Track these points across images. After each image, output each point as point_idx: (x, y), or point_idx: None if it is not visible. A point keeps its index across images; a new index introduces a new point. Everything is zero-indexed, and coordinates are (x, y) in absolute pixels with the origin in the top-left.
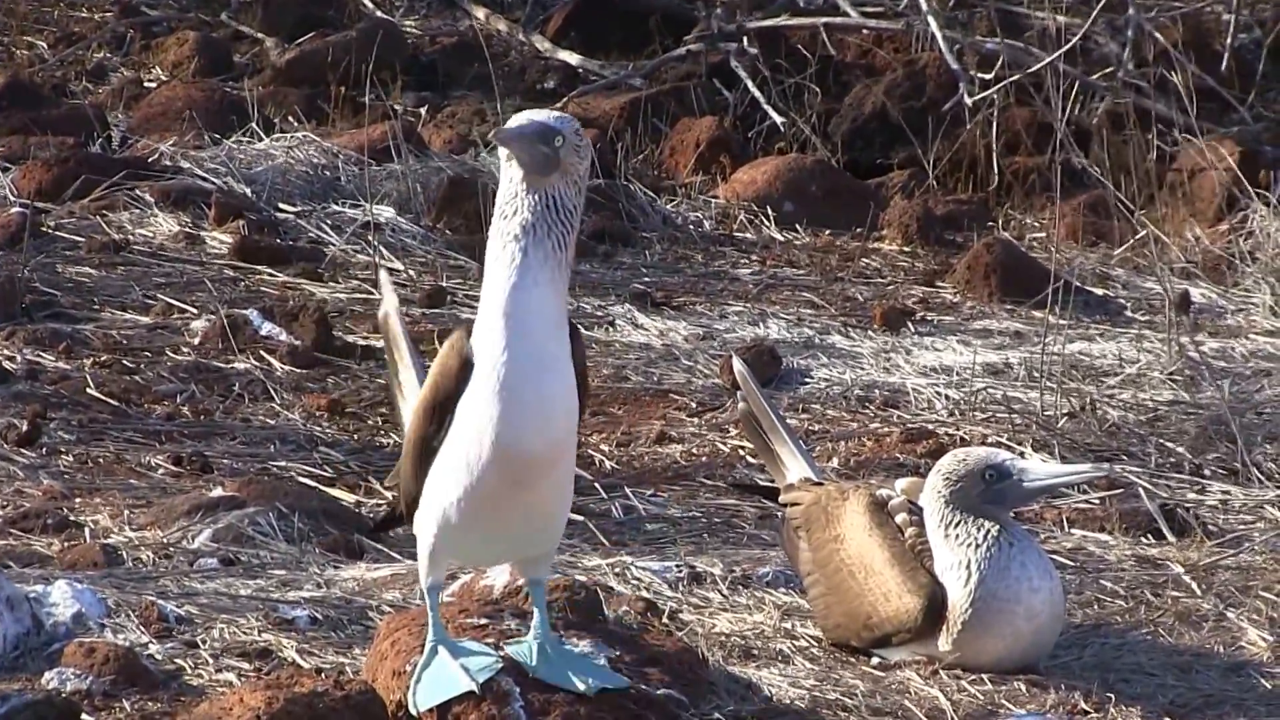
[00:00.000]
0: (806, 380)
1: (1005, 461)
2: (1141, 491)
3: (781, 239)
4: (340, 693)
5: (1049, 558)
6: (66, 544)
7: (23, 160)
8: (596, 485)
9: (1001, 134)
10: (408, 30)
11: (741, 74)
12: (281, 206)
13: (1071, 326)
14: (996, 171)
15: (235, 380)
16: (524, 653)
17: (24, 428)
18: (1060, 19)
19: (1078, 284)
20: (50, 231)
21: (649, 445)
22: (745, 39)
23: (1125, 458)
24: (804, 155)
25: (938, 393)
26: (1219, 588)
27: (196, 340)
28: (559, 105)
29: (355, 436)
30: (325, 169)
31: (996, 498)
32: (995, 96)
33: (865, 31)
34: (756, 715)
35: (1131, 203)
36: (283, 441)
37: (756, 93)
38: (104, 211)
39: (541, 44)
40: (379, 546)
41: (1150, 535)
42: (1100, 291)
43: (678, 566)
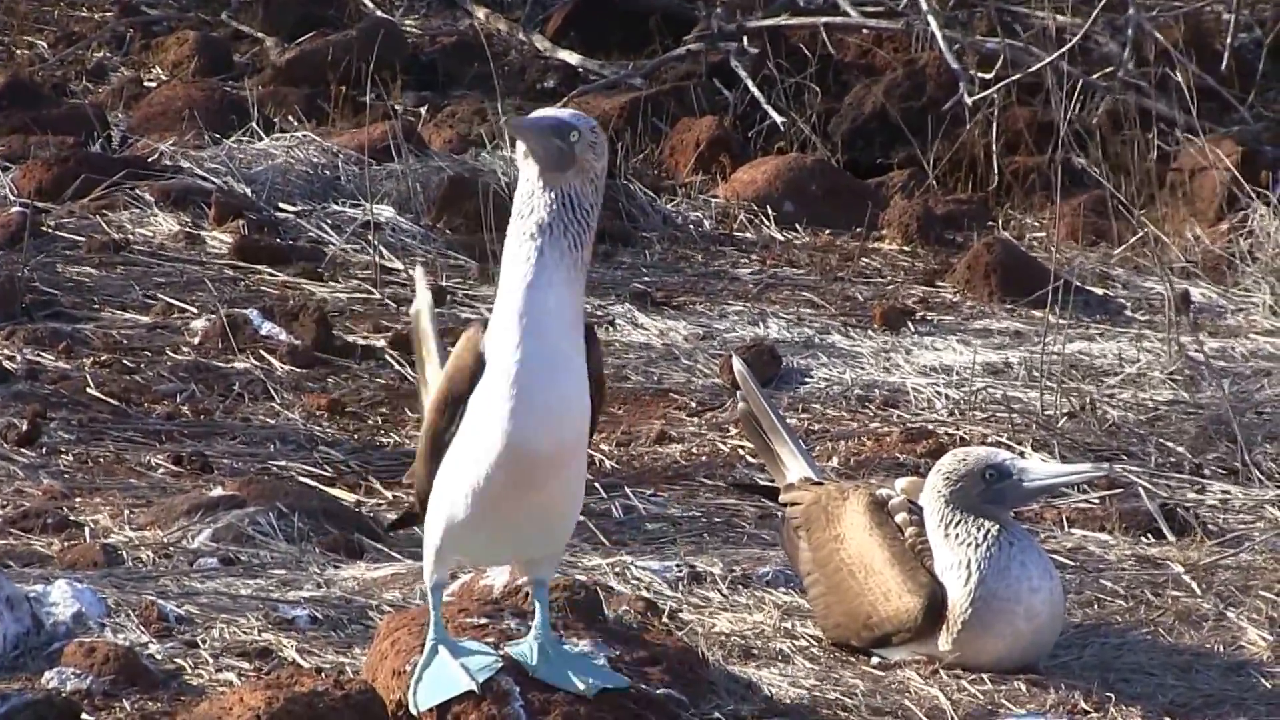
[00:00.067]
0: (806, 380)
1: (1005, 461)
2: (1141, 491)
3: (781, 239)
4: (340, 692)
5: (1049, 557)
6: (66, 544)
7: (23, 160)
8: (596, 485)
9: (1001, 134)
10: (408, 30)
11: (741, 74)
12: (281, 206)
13: (1071, 326)
14: (996, 171)
15: (235, 380)
16: (524, 652)
17: (24, 427)
18: (1060, 19)
19: (1078, 284)
20: (50, 231)
21: (649, 445)
22: (745, 39)
23: (1125, 457)
24: (804, 155)
25: (938, 392)
26: (1219, 588)
27: (196, 340)
28: (559, 105)
29: (355, 436)
30: (325, 169)
31: (996, 497)
32: (995, 96)
33: (865, 31)
34: (756, 715)
35: (1131, 203)
36: (283, 441)
37: (756, 92)
38: (104, 211)
39: (541, 43)
40: (379, 546)
41: (1150, 535)
42: (1100, 291)
43: (678, 566)
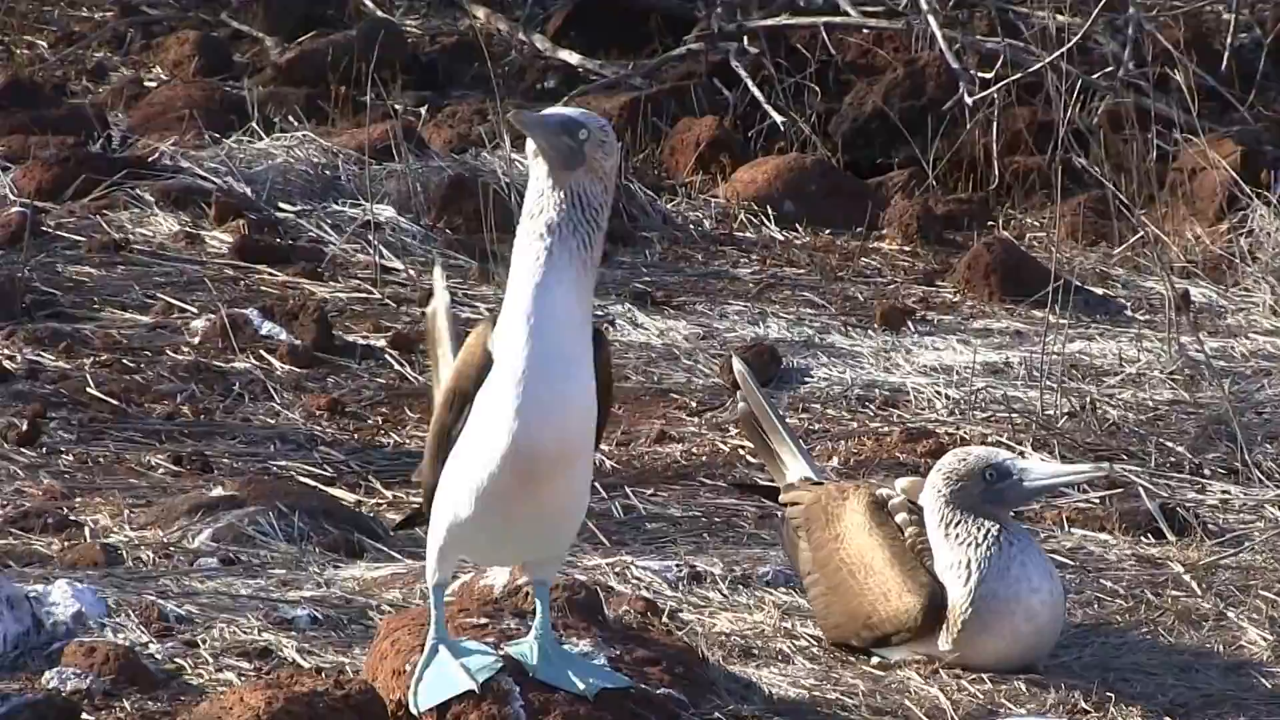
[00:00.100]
0: (806, 380)
1: (1006, 461)
2: (1141, 491)
3: (781, 238)
4: (340, 692)
5: (1049, 558)
6: (66, 544)
7: (23, 160)
8: (597, 485)
9: (1001, 134)
10: (408, 30)
11: (742, 74)
12: (281, 206)
13: (1071, 326)
14: (996, 171)
15: (235, 380)
16: (524, 652)
17: (24, 427)
18: (1060, 19)
19: (1078, 284)
20: (50, 231)
21: (649, 445)
22: (745, 39)
23: (1125, 457)
24: (804, 155)
25: (938, 392)
26: (1219, 587)
27: (196, 340)
28: (560, 105)
29: (355, 436)
30: (325, 168)
31: (997, 497)
32: (995, 96)
33: (865, 31)
34: (756, 715)
35: (1131, 202)
36: (283, 441)
37: (757, 92)
38: (104, 211)
39: (542, 43)
40: (379, 546)
41: (1150, 535)
42: (1100, 291)
43: (678, 566)
